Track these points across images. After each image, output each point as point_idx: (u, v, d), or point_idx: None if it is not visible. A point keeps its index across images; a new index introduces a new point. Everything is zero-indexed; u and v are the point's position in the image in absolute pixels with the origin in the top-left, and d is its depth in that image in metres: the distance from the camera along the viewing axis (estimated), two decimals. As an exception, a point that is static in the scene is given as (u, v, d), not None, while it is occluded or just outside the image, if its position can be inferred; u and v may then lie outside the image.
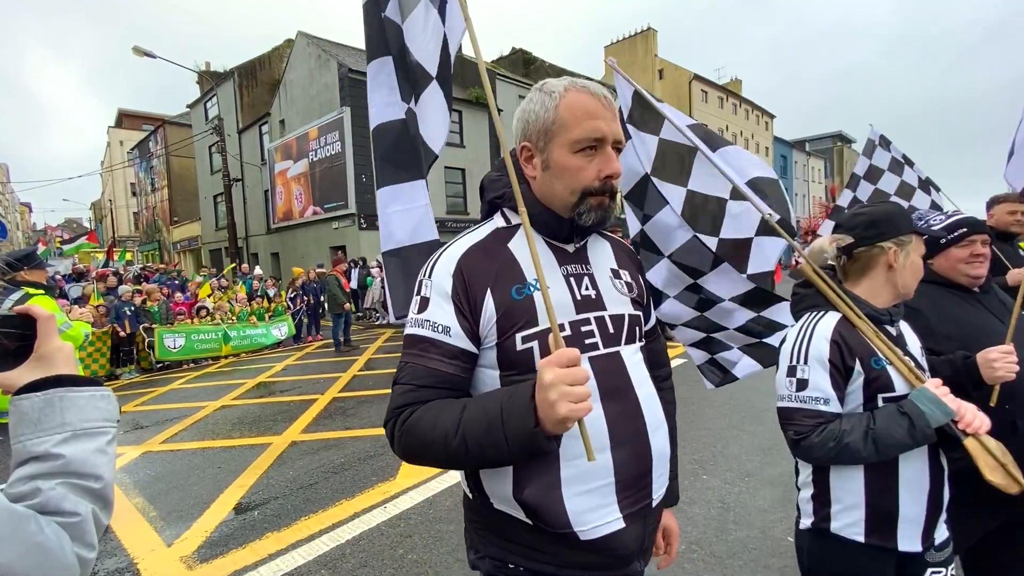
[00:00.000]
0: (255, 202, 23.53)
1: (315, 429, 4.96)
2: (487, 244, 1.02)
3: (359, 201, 16.67)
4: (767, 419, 4.46)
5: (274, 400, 6.31)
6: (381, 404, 5.68)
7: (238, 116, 23.45)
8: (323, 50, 17.94)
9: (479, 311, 0.94)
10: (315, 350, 10.10)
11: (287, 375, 7.83)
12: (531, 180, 1.03)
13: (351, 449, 4.31)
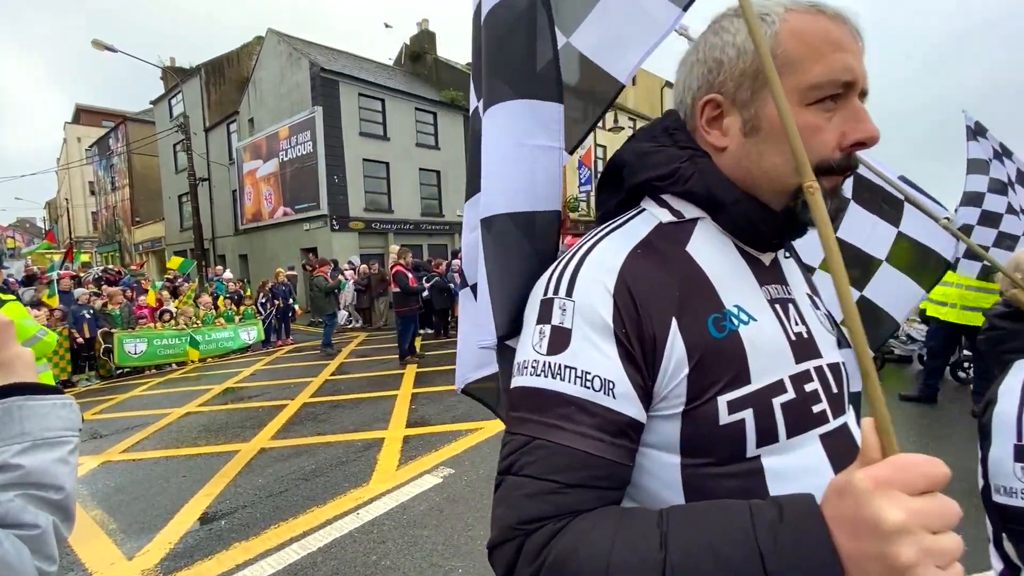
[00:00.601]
0: (223, 202, 22.89)
1: (285, 435, 4.84)
2: (656, 246, 0.66)
3: (331, 202, 16.39)
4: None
5: (242, 406, 6.14)
6: (353, 409, 5.60)
7: (205, 114, 22.79)
8: (294, 48, 17.60)
9: (660, 354, 0.59)
10: (285, 354, 9.87)
11: (256, 380, 7.63)
12: (716, 152, 0.69)
13: (322, 455, 4.23)
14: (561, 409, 0.58)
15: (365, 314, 12.91)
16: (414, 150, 19.00)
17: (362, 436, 4.64)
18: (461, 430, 4.60)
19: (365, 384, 6.75)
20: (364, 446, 4.38)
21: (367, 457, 4.11)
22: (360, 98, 17.36)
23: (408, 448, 4.25)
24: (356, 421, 5.12)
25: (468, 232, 1.09)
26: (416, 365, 7.69)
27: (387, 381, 6.82)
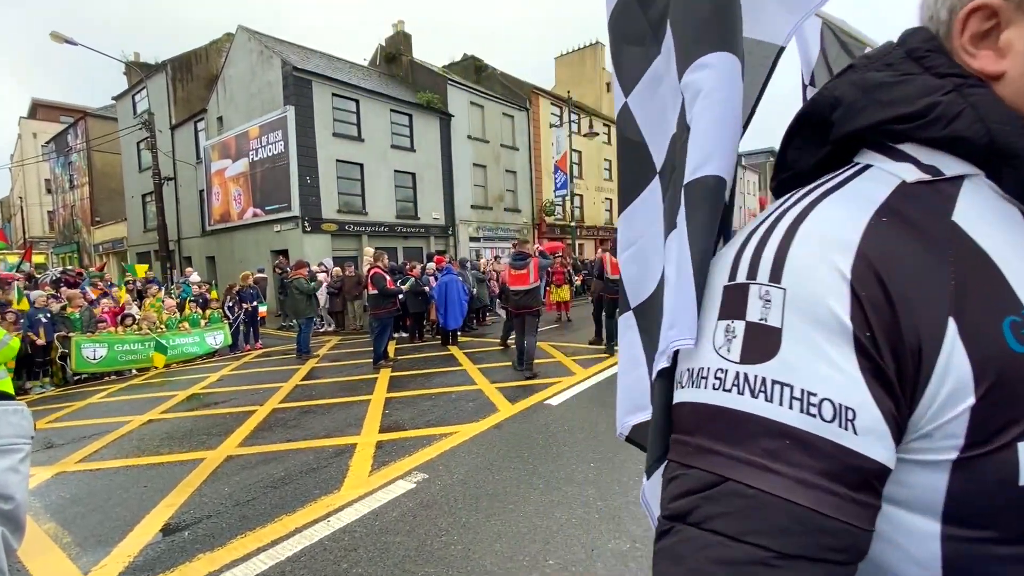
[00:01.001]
0: (189, 202, 22.21)
1: (253, 442, 4.72)
2: (906, 214, 0.47)
3: (303, 204, 16.09)
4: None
5: (208, 412, 5.95)
6: (324, 414, 5.49)
7: (171, 111, 22.10)
8: (265, 46, 17.25)
9: (926, 372, 0.42)
10: (254, 359, 9.62)
11: (223, 386, 7.41)
12: (992, 80, 0.49)
13: (292, 462, 4.13)
14: (769, 442, 0.41)
15: (338, 317, 12.70)
16: (389, 152, 18.82)
17: (334, 442, 4.55)
18: (435, 434, 4.57)
19: (337, 389, 6.63)
20: (335, 452, 4.30)
21: (339, 463, 4.04)
22: (334, 98, 17.12)
23: (381, 453, 4.19)
24: (327, 426, 5.03)
25: (628, 248, 0.94)
26: (390, 369, 7.60)
27: (360, 386, 6.71)
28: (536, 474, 3.64)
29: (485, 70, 26.88)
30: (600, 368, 6.92)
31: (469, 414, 5.16)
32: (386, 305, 8.11)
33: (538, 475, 3.63)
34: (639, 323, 0.93)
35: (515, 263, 6.79)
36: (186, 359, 9.50)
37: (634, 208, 0.94)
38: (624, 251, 0.94)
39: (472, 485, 3.51)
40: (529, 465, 3.81)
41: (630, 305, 0.93)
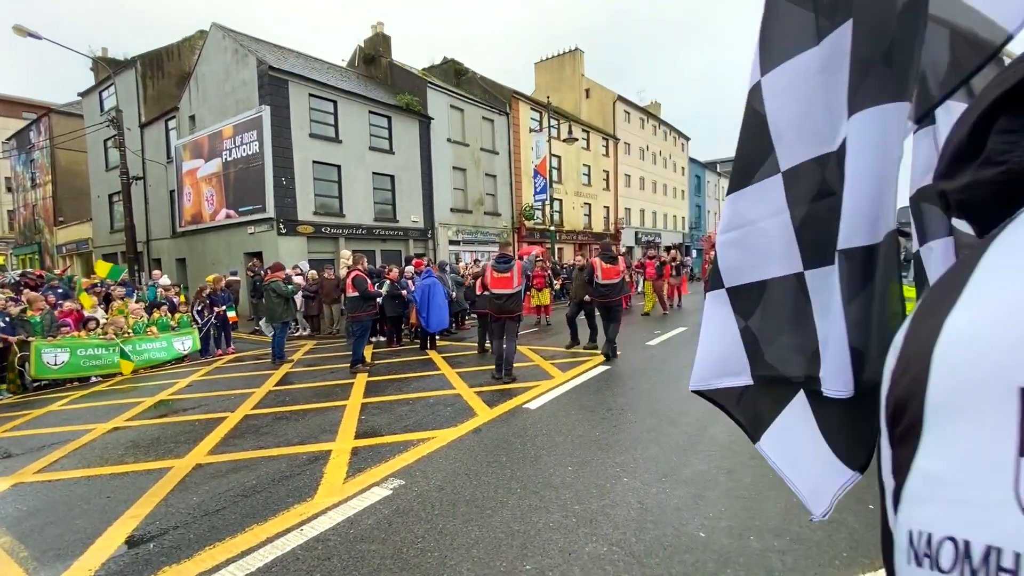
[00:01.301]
0: (159, 203, 21.60)
1: (223, 450, 4.59)
2: None
3: (278, 205, 15.79)
4: (682, 422, 4.73)
5: (176, 420, 5.77)
6: (298, 420, 5.38)
7: (140, 108, 21.48)
8: (241, 44, 16.92)
9: None
10: (226, 364, 9.37)
11: (192, 392, 7.20)
12: None
13: (264, 470, 4.03)
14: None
15: (313, 321, 12.48)
16: (368, 154, 18.63)
17: (307, 449, 4.46)
18: (413, 440, 4.51)
19: (312, 394, 6.51)
20: (309, 459, 4.21)
21: (312, 470, 3.95)
22: (311, 99, 16.88)
23: (357, 460, 4.12)
24: (301, 433, 4.92)
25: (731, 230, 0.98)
26: (367, 374, 7.49)
27: (336, 391, 6.60)
28: (514, 479, 3.63)
29: (465, 74, 26.88)
30: (579, 372, 6.95)
31: (447, 419, 5.12)
32: (366, 308, 8.01)
33: (516, 479, 3.61)
34: (733, 302, 1.01)
35: (498, 266, 6.65)
36: (154, 364, 9.20)
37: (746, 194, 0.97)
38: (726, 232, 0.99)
39: (449, 491, 3.48)
40: (507, 470, 3.79)
41: (723, 284, 1.01)
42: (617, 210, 34.89)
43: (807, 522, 2.90)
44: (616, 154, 34.73)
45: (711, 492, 3.32)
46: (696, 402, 5.38)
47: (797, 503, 3.13)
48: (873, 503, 3.09)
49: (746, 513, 3.03)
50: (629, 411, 5.15)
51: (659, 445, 4.19)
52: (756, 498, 3.21)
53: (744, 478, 3.51)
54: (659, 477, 3.57)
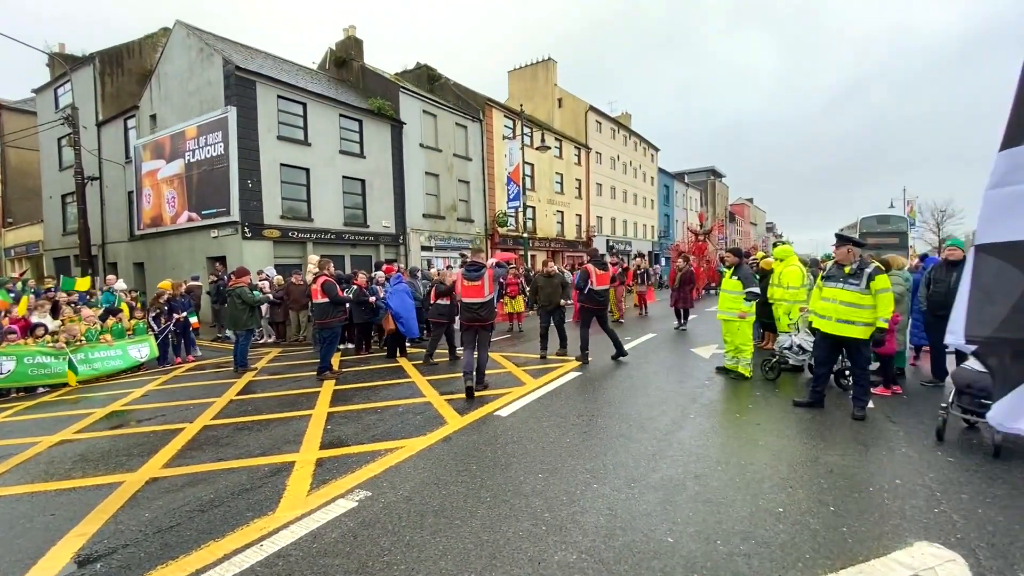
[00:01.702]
0: (116, 205, 20.72)
1: (180, 462, 4.38)
2: None
3: (244, 208, 15.35)
4: (652, 427, 4.77)
5: (130, 431, 5.49)
6: (260, 431, 5.19)
7: (98, 107, 20.61)
8: (206, 43, 16.46)
9: None
10: (185, 373, 9.00)
11: (148, 402, 6.87)
12: None
13: (223, 483, 3.86)
14: None
15: (279, 328, 12.14)
16: (338, 157, 18.34)
17: (270, 460, 4.30)
18: (380, 450, 4.41)
19: (276, 404, 6.30)
20: (271, 471, 4.06)
21: (274, 483, 3.81)
22: (279, 100, 16.53)
23: (321, 471, 4.00)
24: (264, 444, 4.75)
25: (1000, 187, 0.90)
26: (334, 382, 7.31)
27: (301, 400, 6.41)
28: (484, 487, 3.58)
29: (438, 80, 26.83)
30: (550, 378, 6.95)
31: (416, 428, 5.02)
32: (336, 314, 7.84)
33: (486, 488, 3.56)
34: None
35: (468, 274, 6.42)
36: (108, 374, 8.75)
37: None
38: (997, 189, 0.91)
39: (417, 501, 3.40)
40: (477, 478, 3.74)
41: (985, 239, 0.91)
42: (589, 218, 35.31)
43: (772, 525, 2.96)
44: (588, 163, 35.20)
45: (679, 497, 3.34)
46: (665, 407, 5.44)
47: (763, 506, 3.19)
48: (833, 505, 3.17)
49: (713, 517, 3.06)
50: (600, 417, 5.17)
51: (629, 451, 4.21)
52: (723, 502, 3.25)
53: (711, 482, 3.55)
54: (628, 483, 3.58)
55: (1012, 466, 3.72)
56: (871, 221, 21.45)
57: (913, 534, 2.82)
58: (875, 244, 18.19)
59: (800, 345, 6.49)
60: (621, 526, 2.99)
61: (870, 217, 21.77)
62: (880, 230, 20.73)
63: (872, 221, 21.43)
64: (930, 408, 5.13)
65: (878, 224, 21.25)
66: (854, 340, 4.92)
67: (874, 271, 4.84)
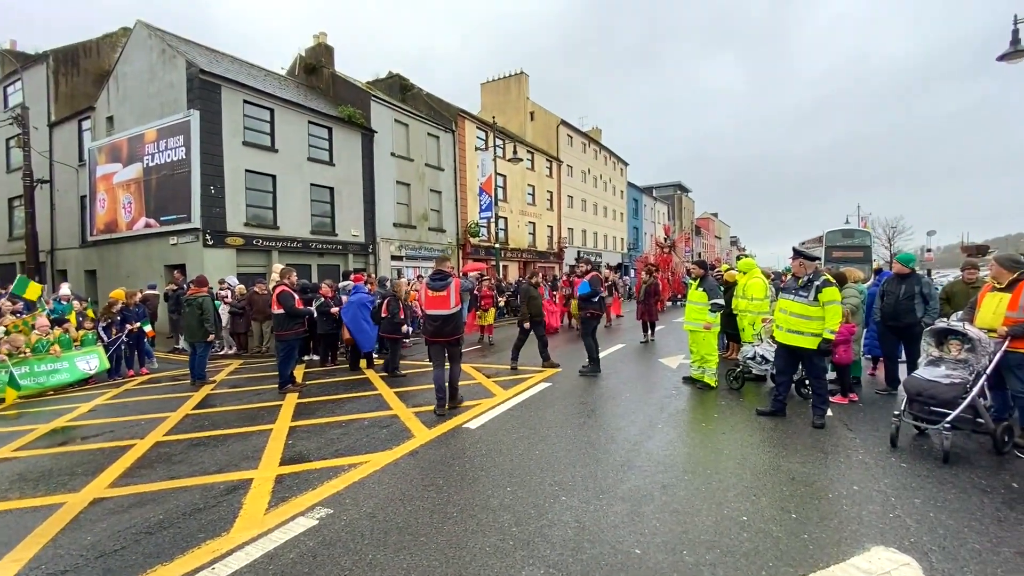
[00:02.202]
0: (66, 209, 19.75)
1: (128, 481, 4.14)
2: None
3: (205, 215, 14.85)
4: (620, 438, 4.79)
5: (74, 449, 5.16)
6: (217, 447, 4.97)
7: (50, 107, 19.71)
8: (168, 44, 15.97)
9: None
10: (138, 386, 8.57)
11: (95, 417, 6.50)
12: None
13: (174, 503, 3.66)
14: None
15: (240, 339, 11.71)
16: (306, 164, 18.00)
17: (225, 478, 4.11)
18: (343, 465, 4.27)
19: (234, 418, 6.05)
20: (227, 489, 3.87)
21: (230, 502, 3.63)
22: (246, 105, 16.14)
23: (281, 488, 3.84)
24: (219, 460, 4.54)
25: None
26: (297, 395, 7.08)
27: (261, 414, 6.17)
28: (451, 502, 3.50)
29: (411, 90, 26.77)
30: (521, 389, 6.91)
31: (382, 441, 4.90)
32: (293, 326, 7.58)
33: (453, 503, 3.49)
34: None
35: (433, 284, 5.91)
36: (54, 388, 8.23)
37: None
38: None
39: (381, 518, 3.29)
40: (444, 493, 3.66)
41: None
42: (560, 229, 35.65)
43: (737, 534, 2.98)
44: (559, 176, 35.63)
45: (647, 507, 3.35)
46: (633, 417, 5.47)
47: (728, 515, 3.22)
48: (795, 512, 3.23)
49: (680, 527, 3.08)
50: (569, 428, 5.16)
51: (598, 462, 4.20)
52: (689, 511, 3.27)
53: (679, 492, 3.57)
54: (597, 494, 3.56)
55: (960, 471, 3.89)
56: (836, 235, 22.14)
57: (870, 539, 2.89)
58: (840, 258, 18.65)
59: (763, 355, 6.66)
60: (589, 539, 2.97)
61: (835, 231, 22.46)
62: (845, 243, 21.41)
63: (837, 235, 22.11)
64: (884, 416, 5.32)
65: (843, 238, 21.92)
66: (804, 350, 5.10)
67: (823, 283, 5.03)
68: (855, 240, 21.75)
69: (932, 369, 4.50)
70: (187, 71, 15.10)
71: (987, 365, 4.19)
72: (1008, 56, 9.21)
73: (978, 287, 5.52)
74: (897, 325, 6.15)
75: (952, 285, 6.53)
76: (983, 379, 4.17)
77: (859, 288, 6.55)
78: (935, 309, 5.85)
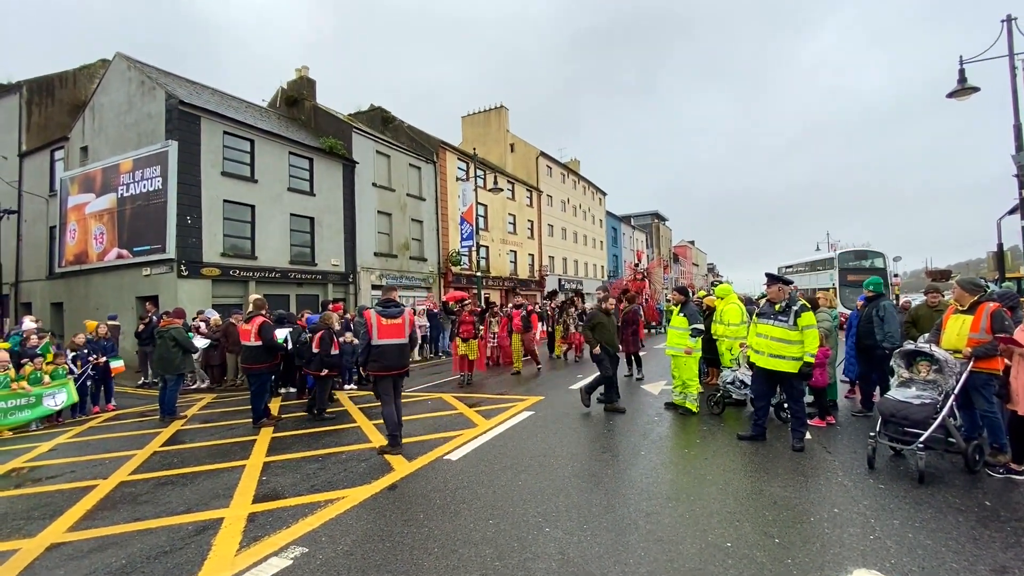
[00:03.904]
0: (34, 240, 19.22)
1: (89, 524, 3.92)
2: None
3: (181, 245, 14.59)
4: (604, 466, 4.74)
5: (31, 491, 4.88)
6: (186, 485, 4.76)
7: (21, 136, 19.39)
8: (148, 76, 15.98)
9: None
10: (103, 423, 8.20)
11: (56, 457, 6.18)
12: None
13: (138, 546, 3.47)
14: None
15: (213, 372, 11.37)
16: (286, 195, 17.94)
17: (194, 518, 3.92)
18: (319, 501, 4.13)
19: (205, 455, 5.82)
20: (196, 530, 3.69)
21: (198, 543, 3.46)
22: (225, 136, 16.13)
23: (253, 527, 3.68)
24: (188, 500, 4.34)
25: None
26: (272, 429, 6.87)
27: (234, 449, 5.96)
28: (431, 537, 3.40)
29: (392, 122, 27.13)
30: (503, 418, 6.83)
31: (360, 476, 4.76)
32: (268, 359, 7.34)
33: (433, 538, 3.38)
34: None
35: (387, 311, 5.65)
36: (17, 425, 7.79)
37: None
38: None
39: (359, 556, 3.17)
40: (424, 528, 3.55)
41: None
42: (541, 258, 35.96)
43: (721, 561, 2.96)
44: (539, 205, 36.17)
45: (631, 536, 3.30)
46: (618, 444, 5.45)
47: (712, 541, 3.20)
48: (778, 536, 3.22)
49: (665, 556, 3.03)
50: (552, 457, 5.09)
51: (581, 491, 4.14)
52: (674, 540, 3.23)
53: (663, 520, 3.54)
54: (581, 524, 3.50)
55: (935, 491, 3.94)
56: (849, 256, 21.14)
57: (852, 561, 2.90)
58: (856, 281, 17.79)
59: (742, 380, 6.74)
60: (572, 571, 2.90)
61: (848, 252, 21.45)
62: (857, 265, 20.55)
63: (850, 256, 21.11)
64: (861, 437, 5.40)
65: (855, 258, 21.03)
66: (786, 374, 5.18)
67: (800, 308, 5.17)
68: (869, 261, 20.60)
69: (903, 390, 4.61)
70: (166, 102, 15.08)
71: (954, 385, 4.32)
72: (955, 94, 9.82)
73: (942, 310, 5.74)
74: (872, 344, 6.34)
75: (917, 308, 6.78)
76: (951, 399, 4.29)
77: (832, 314, 6.73)
78: (891, 332, 6.05)
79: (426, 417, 7.24)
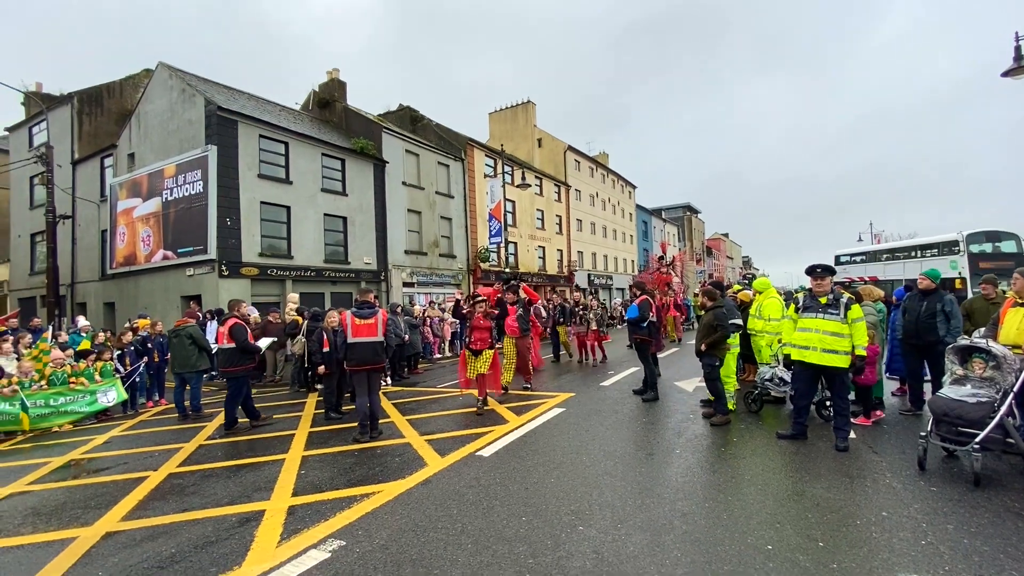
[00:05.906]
0: (88, 244, 20.29)
1: (140, 514, 4.11)
2: None
3: (221, 246, 15.16)
4: (637, 464, 4.67)
5: (88, 481, 5.16)
6: (230, 477, 4.94)
7: (74, 145, 20.46)
8: (188, 84, 16.62)
9: None
10: (152, 417, 8.61)
11: (110, 449, 6.52)
12: None
13: (186, 536, 3.62)
14: None
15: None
16: (319, 195, 18.38)
17: (238, 509, 4.07)
18: (357, 495, 4.22)
19: (246, 448, 6.03)
20: (239, 521, 3.83)
21: (242, 534, 3.59)
22: (261, 140, 16.64)
23: (293, 520, 3.79)
24: (232, 492, 4.51)
25: None
26: (309, 424, 7.04)
27: (275, 443, 6.15)
28: (465, 533, 3.43)
29: (421, 121, 27.41)
30: (534, 415, 6.82)
31: (395, 470, 4.84)
32: (244, 362, 7.10)
33: (467, 534, 3.41)
34: None
35: (360, 312, 6.24)
36: (73, 419, 8.27)
37: None
38: None
39: (394, 550, 3.23)
40: (458, 524, 3.58)
41: None
42: (570, 253, 35.73)
43: (762, 564, 2.87)
44: (568, 200, 35.92)
45: (667, 537, 3.24)
46: (651, 443, 5.37)
47: (752, 544, 3.11)
48: (822, 540, 3.11)
49: (703, 558, 2.97)
50: (584, 454, 5.06)
51: (614, 489, 4.10)
52: (711, 541, 3.16)
53: (699, 520, 3.46)
54: (615, 524, 3.46)
55: (992, 495, 3.73)
56: (979, 237, 16.69)
57: (903, 568, 2.77)
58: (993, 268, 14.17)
59: (781, 377, 6.52)
60: (608, 571, 2.87)
61: (978, 232, 16.86)
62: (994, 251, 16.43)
63: (980, 237, 16.73)
64: (910, 437, 5.15)
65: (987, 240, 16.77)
66: (837, 369, 4.96)
67: (848, 301, 4.95)
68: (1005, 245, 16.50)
69: (957, 388, 4.36)
70: (205, 108, 15.66)
71: (1014, 383, 4.06)
72: (1012, 72, 9.22)
73: (999, 303, 5.39)
74: (919, 343, 6.01)
75: (972, 301, 6.38)
76: (1011, 397, 4.04)
77: (877, 307, 6.43)
78: (957, 328, 5.71)
79: (456, 413, 7.31)
